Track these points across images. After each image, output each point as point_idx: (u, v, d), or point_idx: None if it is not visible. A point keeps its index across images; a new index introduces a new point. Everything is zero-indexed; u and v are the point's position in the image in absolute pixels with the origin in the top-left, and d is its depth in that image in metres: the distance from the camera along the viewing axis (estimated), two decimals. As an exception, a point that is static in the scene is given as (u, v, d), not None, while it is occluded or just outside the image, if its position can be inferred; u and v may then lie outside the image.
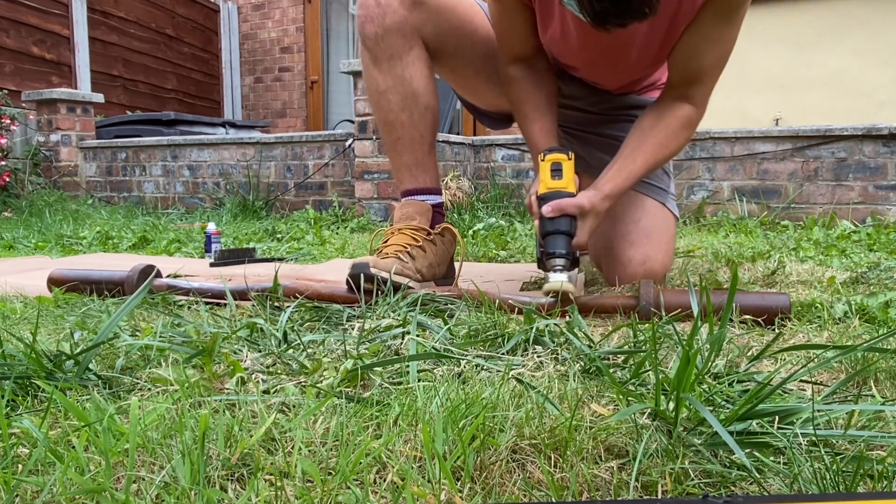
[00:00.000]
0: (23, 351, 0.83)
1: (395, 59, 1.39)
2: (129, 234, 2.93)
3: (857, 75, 5.23)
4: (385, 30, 1.37)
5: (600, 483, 0.59)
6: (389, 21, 1.37)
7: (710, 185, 3.53)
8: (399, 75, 1.40)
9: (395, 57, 1.39)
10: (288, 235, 2.92)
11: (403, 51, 1.39)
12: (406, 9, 1.37)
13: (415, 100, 1.41)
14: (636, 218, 1.46)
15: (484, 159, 4.13)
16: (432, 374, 0.85)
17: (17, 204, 4.28)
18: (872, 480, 0.58)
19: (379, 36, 1.38)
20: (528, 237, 2.75)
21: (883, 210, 3.23)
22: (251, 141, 4.40)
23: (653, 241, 1.44)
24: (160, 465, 0.60)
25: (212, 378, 0.83)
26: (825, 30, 5.33)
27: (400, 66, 1.39)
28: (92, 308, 1.27)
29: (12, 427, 0.67)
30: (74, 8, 5.54)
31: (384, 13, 1.37)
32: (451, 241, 1.46)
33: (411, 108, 1.41)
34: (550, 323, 1.00)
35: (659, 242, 1.44)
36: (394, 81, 1.40)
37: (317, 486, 0.56)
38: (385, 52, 1.39)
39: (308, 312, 1.18)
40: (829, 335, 1.06)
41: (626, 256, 1.42)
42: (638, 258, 1.41)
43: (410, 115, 1.41)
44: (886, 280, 1.52)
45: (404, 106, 1.41)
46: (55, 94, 4.70)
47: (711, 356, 0.77)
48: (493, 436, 0.63)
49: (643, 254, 1.42)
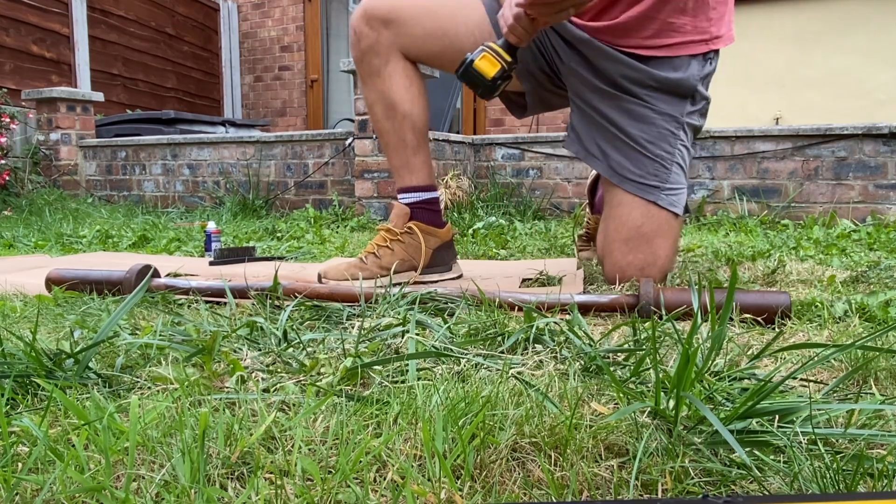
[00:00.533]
0: (23, 349, 0.83)
1: (375, 76, 1.58)
2: (129, 232, 2.93)
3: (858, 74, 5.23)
4: (362, 52, 1.57)
5: (600, 482, 0.59)
6: (364, 45, 1.56)
7: (710, 184, 3.53)
8: (380, 89, 1.58)
9: (375, 74, 1.58)
10: (288, 234, 2.92)
11: (381, 67, 1.57)
12: (375, 31, 1.54)
13: (394, 109, 1.58)
14: (638, 223, 1.47)
15: (484, 158, 4.13)
16: (432, 372, 0.85)
17: (16, 203, 4.28)
18: (873, 479, 0.58)
19: (358, 59, 1.59)
20: (527, 236, 2.75)
21: (883, 209, 3.23)
22: (251, 140, 4.40)
23: (653, 247, 1.46)
24: (160, 463, 0.60)
25: (212, 377, 0.83)
26: (826, 29, 5.33)
27: (380, 81, 1.58)
28: (92, 307, 1.27)
29: (12, 425, 0.67)
30: (74, 7, 5.54)
31: (359, 39, 1.57)
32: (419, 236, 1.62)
33: (392, 118, 1.59)
34: (550, 321, 1.00)
35: (658, 248, 1.47)
36: (377, 95, 1.59)
37: (317, 484, 0.56)
38: (366, 71, 1.59)
39: (308, 311, 1.18)
40: (830, 334, 1.06)
41: (626, 262, 1.48)
42: (636, 264, 1.47)
43: (392, 124, 1.59)
44: (886, 279, 1.52)
45: (387, 116, 1.59)
46: (55, 93, 4.70)
47: (712, 354, 0.76)
48: (493, 434, 0.63)
49: (641, 260, 1.47)
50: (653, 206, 1.46)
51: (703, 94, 1.49)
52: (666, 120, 1.46)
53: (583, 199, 3.82)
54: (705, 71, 1.48)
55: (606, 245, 1.52)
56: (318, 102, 7.14)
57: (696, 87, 1.47)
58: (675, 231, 1.50)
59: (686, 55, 1.46)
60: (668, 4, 1.42)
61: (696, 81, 1.46)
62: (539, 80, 1.60)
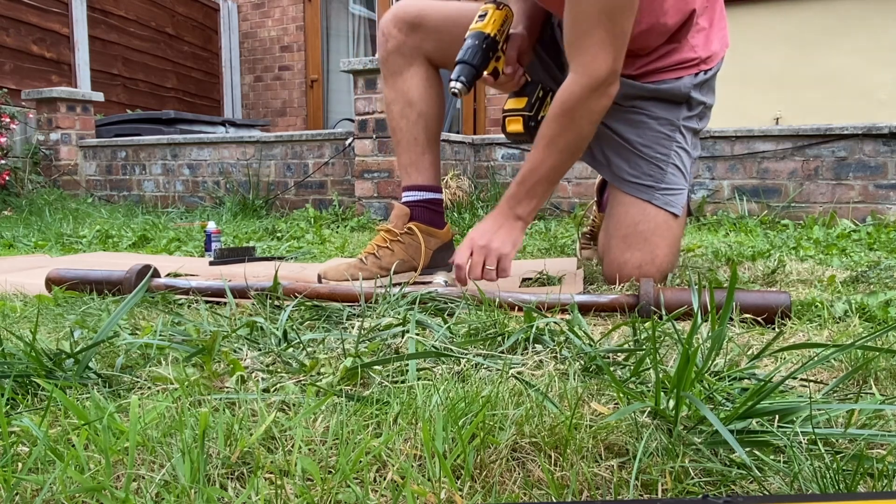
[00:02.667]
0: (23, 349, 0.83)
1: (397, 76, 1.63)
2: (129, 232, 2.93)
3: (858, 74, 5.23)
4: (388, 52, 1.63)
5: (600, 482, 0.59)
6: (391, 46, 1.62)
7: (710, 184, 3.53)
8: (399, 88, 1.63)
9: (397, 73, 1.63)
10: (288, 234, 2.92)
11: (404, 68, 1.62)
12: (404, 34, 1.60)
13: (410, 108, 1.63)
14: (636, 220, 1.49)
15: (484, 158, 4.13)
16: (432, 372, 0.85)
17: (16, 203, 4.28)
18: (873, 479, 0.58)
19: (384, 58, 1.64)
20: (527, 236, 2.75)
21: (883, 209, 3.23)
22: (251, 140, 4.40)
23: (650, 245, 1.48)
24: (160, 463, 0.60)
25: (212, 376, 0.83)
26: (826, 29, 5.33)
27: (400, 81, 1.63)
28: (92, 307, 1.27)
29: (12, 425, 0.67)
30: (74, 6, 5.53)
31: (386, 40, 1.62)
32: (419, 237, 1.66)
33: (407, 116, 1.63)
34: (550, 321, 1.00)
35: (656, 247, 1.48)
36: (396, 94, 1.64)
37: (317, 484, 0.56)
38: (390, 70, 1.64)
39: (308, 311, 1.18)
40: (830, 334, 1.06)
41: (623, 259, 1.49)
42: (633, 262, 1.48)
43: (407, 122, 1.63)
44: (886, 279, 1.52)
45: (403, 114, 1.63)
46: (55, 93, 4.70)
47: (712, 354, 0.76)
48: (493, 434, 0.63)
49: (639, 258, 1.48)
50: (649, 206, 1.49)
51: (698, 100, 1.52)
52: (661, 124, 1.51)
53: (583, 200, 3.82)
54: (698, 80, 1.51)
55: (606, 242, 1.54)
56: (318, 102, 7.14)
57: (689, 94, 1.50)
58: (674, 232, 1.51)
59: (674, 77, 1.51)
60: (651, 55, 1.49)
61: (688, 89, 1.50)
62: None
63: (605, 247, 1.55)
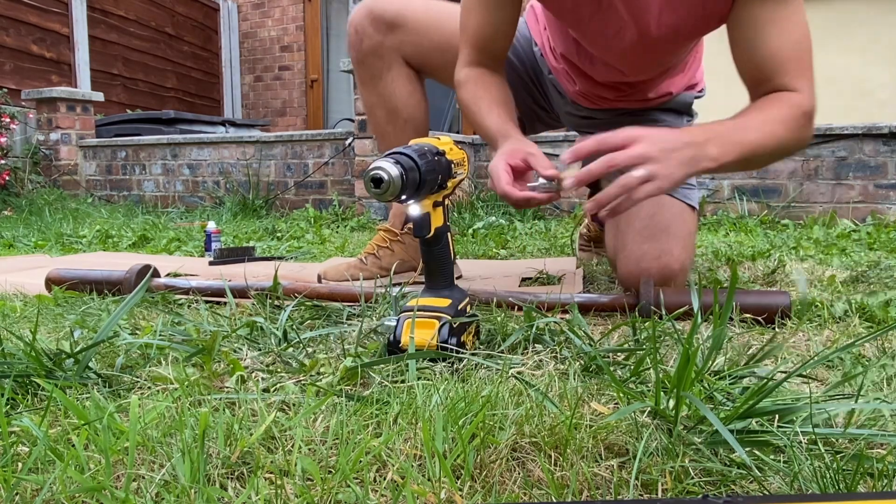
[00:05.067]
0: (22, 349, 0.83)
1: (377, 79, 1.53)
2: (129, 232, 2.93)
3: (858, 74, 5.23)
4: (363, 54, 1.51)
5: (600, 481, 0.59)
6: (366, 46, 1.50)
7: (710, 184, 3.53)
8: (381, 93, 1.54)
9: (377, 77, 1.53)
10: (288, 234, 2.92)
11: (383, 70, 1.52)
12: (381, 33, 1.48)
13: (396, 114, 1.55)
14: (651, 212, 1.37)
15: (484, 158, 4.13)
16: (432, 372, 0.85)
17: (16, 202, 4.28)
18: (872, 479, 0.58)
19: (359, 60, 1.53)
20: (527, 236, 2.75)
21: (883, 209, 3.23)
22: (251, 140, 4.40)
23: (669, 236, 1.35)
24: (160, 463, 0.60)
25: (212, 376, 0.83)
26: (826, 29, 5.33)
27: (381, 85, 1.53)
28: (92, 307, 1.27)
29: (12, 425, 0.67)
30: (74, 6, 5.53)
31: (361, 39, 1.50)
32: None
33: (394, 122, 1.56)
34: (550, 321, 1.00)
35: (676, 237, 1.35)
36: (378, 98, 1.55)
37: (317, 484, 0.56)
38: (367, 73, 1.54)
39: (308, 311, 1.18)
40: (830, 334, 1.06)
41: (641, 250, 1.34)
42: (653, 252, 1.33)
43: (394, 128, 1.56)
44: (886, 279, 1.52)
45: (389, 120, 1.56)
46: (55, 93, 4.70)
47: (712, 354, 0.76)
48: (492, 434, 0.63)
49: (658, 248, 1.33)
50: (664, 196, 1.36)
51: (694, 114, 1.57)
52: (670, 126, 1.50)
53: (583, 200, 3.82)
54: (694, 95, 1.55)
55: (619, 240, 1.40)
56: (318, 102, 7.14)
57: (691, 104, 1.55)
58: (690, 224, 1.41)
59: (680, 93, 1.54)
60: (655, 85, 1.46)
61: (691, 100, 1.54)
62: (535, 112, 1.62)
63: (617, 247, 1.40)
